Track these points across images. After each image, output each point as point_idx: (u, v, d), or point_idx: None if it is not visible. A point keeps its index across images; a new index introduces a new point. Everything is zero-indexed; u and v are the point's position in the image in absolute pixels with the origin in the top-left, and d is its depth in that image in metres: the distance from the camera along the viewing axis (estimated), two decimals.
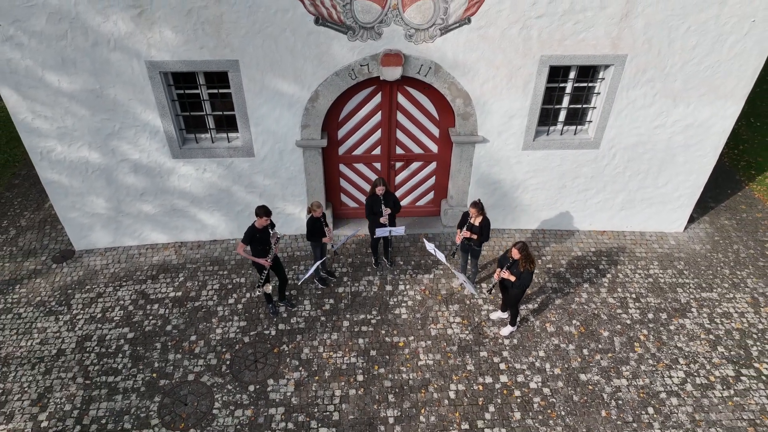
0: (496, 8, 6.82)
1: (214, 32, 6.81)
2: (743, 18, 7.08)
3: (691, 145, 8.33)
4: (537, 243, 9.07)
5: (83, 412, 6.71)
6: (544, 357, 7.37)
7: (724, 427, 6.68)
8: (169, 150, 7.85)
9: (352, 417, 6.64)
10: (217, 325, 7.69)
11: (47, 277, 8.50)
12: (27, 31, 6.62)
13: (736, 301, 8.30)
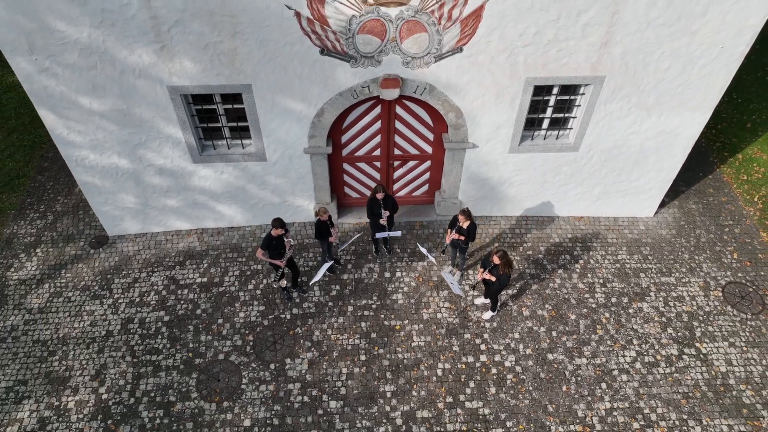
0: (485, 39, 7.45)
1: (229, 62, 7.49)
2: (712, 45, 7.71)
3: (661, 148, 9.18)
4: (520, 230, 10.15)
5: (135, 387, 8.13)
6: (518, 338, 8.69)
7: (662, 399, 8.11)
8: (190, 156, 8.74)
9: (356, 392, 8.06)
10: (240, 309, 8.96)
11: (87, 262, 9.67)
12: (61, 63, 7.32)
13: (690, 285, 9.51)
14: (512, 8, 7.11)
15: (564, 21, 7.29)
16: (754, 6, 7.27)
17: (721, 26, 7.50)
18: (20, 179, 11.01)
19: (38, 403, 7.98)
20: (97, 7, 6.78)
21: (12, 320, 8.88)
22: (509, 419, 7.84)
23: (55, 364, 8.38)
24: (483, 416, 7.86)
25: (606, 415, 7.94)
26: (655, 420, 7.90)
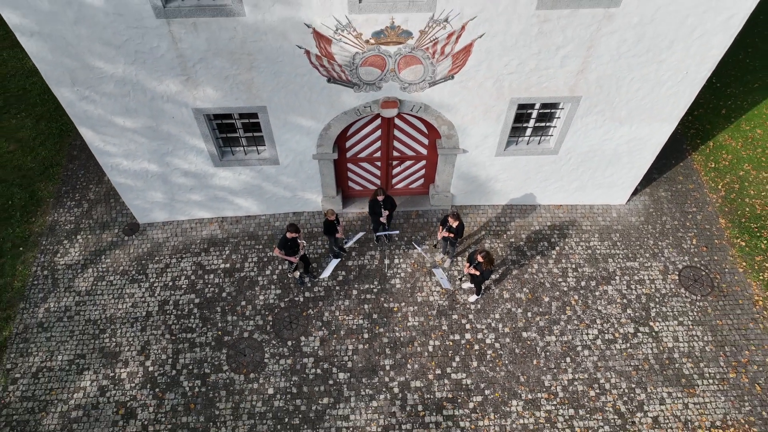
0: (474, 69, 8.35)
1: (246, 89, 8.44)
2: (678, 71, 8.61)
3: (633, 151, 10.24)
4: (505, 218, 11.39)
5: (175, 360, 9.70)
6: (498, 319, 10.17)
7: (616, 371, 9.70)
8: (212, 161, 9.83)
9: (360, 365, 9.63)
10: (260, 293, 10.39)
11: (123, 248, 11.00)
12: (99, 92, 8.28)
13: (651, 269, 10.88)
14: (498, 45, 7.98)
15: (544, 54, 8.18)
16: (715, 40, 8.13)
17: (686, 56, 8.38)
18: (54, 168, 12.11)
19: (96, 374, 9.58)
20: (131, 49, 7.68)
21: (65, 302, 10.34)
22: (487, 388, 9.46)
23: (106, 341, 9.92)
24: (466, 386, 9.47)
25: (568, 384, 9.55)
26: (608, 389, 9.53)
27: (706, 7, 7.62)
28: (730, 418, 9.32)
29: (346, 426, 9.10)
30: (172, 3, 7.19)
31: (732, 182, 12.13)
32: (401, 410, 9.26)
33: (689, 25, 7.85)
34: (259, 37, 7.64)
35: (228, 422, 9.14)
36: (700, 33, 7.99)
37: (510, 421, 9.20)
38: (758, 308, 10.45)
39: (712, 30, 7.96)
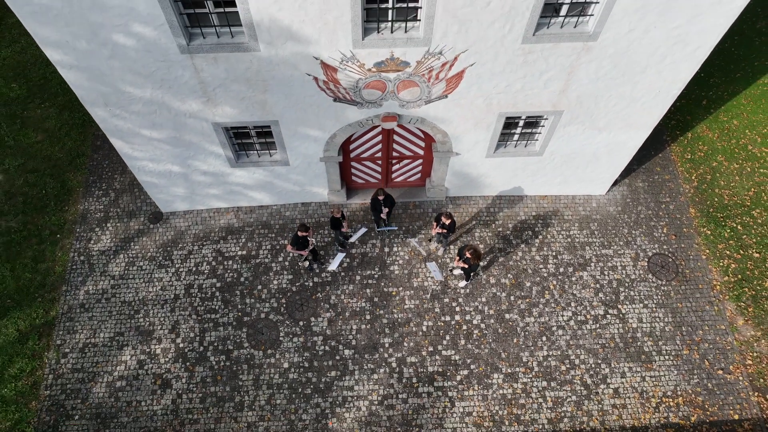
0: (466, 90, 9.25)
1: (261, 107, 9.38)
2: (651, 90, 9.50)
3: (611, 153, 11.23)
4: (494, 209, 12.52)
5: (202, 338, 11.13)
6: (484, 302, 11.51)
7: (585, 348, 11.13)
8: (228, 163, 10.87)
9: (363, 343, 11.06)
10: (274, 278, 11.69)
11: (149, 235, 12.21)
12: (128, 111, 9.23)
13: (624, 257, 12.12)
14: (487, 71, 8.85)
15: (529, 78, 9.06)
16: (684, 66, 8.98)
17: (658, 79, 9.26)
18: (80, 158, 13.13)
19: (134, 349, 11.04)
20: (158, 78, 8.58)
21: (101, 285, 11.67)
22: (473, 363, 10.93)
23: (140, 320, 11.32)
24: (454, 361, 10.94)
25: (543, 360, 11.01)
26: (577, 364, 10.99)
27: (675, 41, 8.45)
28: (680, 389, 10.84)
29: (351, 395, 10.64)
30: (195, 41, 8.05)
31: (705, 173, 13.16)
32: (398, 382, 10.77)
33: (660, 54, 8.69)
34: (273, 68, 8.52)
35: (250, 392, 10.68)
36: (671, 61, 8.85)
37: (491, 391, 10.73)
38: (715, 292, 11.77)
39: (681, 58, 8.81)
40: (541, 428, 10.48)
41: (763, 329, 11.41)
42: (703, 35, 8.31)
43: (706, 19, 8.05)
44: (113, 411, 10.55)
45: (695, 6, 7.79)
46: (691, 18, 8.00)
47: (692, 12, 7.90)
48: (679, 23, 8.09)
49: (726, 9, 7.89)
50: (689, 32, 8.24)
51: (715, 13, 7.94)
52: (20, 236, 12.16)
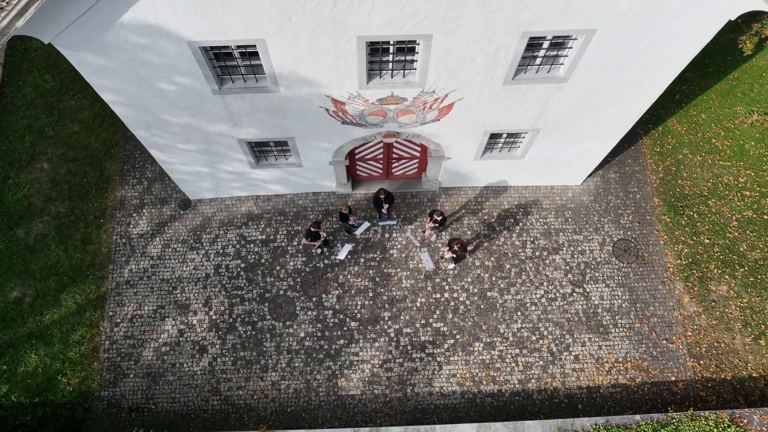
0: (455, 116, 10.74)
1: (279, 128, 10.91)
2: (615, 116, 10.97)
3: (583, 157, 12.82)
4: (481, 198, 14.23)
5: (231, 311, 13.22)
6: (469, 281, 13.51)
7: (553, 322, 13.25)
8: (250, 166, 12.50)
9: (366, 316, 13.17)
10: (290, 260, 13.62)
11: (181, 221, 14.03)
12: (167, 132, 10.79)
13: (592, 242, 13.98)
14: (474, 103, 10.32)
15: (510, 107, 10.53)
16: (641, 102, 10.44)
17: (621, 109, 10.75)
18: (114, 148, 14.69)
19: (174, 320, 13.18)
20: (193, 110, 10.09)
21: (142, 265, 13.63)
22: (458, 334, 13.09)
23: (178, 296, 13.38)
24: (442, 332, 13.09)
25: (517, 331, 13.16)
26: (545, 335, 13.16)
27: (632, 85, 9.88)
28: (629, 356, 13.06)
29: (357, 360, 12.89)
30: (226, 86, 9.50)
31: (671, 165, 14.75)
32: (396, 349, 12.98)
33: (622, 92, 10.13)
34: (290, 103, 10.00)
35: (273, 356, 12.92)
36: (631, 96, 10.30)
37: (473, 357, 12.96)
38: (668, 273, 13.74)
39: (638, 96, 10.26)
40: (513, 387, 12.80)
41: (704, 306, 13.48)
42: (655, 82, 9.74)
43: (657, 70, 9.46)
44: (161, 371, 12.84)
45: (649, 61, 9.19)
46: (645, 70, 9.41)
47: (646, 65, 9.30)
48: (635, 72, 9.50)
49: (675, 63, 9.28)
50: (642, 80, 9.67)
51: (665, 66, 9.34)
52: (69, 220, 13.99)
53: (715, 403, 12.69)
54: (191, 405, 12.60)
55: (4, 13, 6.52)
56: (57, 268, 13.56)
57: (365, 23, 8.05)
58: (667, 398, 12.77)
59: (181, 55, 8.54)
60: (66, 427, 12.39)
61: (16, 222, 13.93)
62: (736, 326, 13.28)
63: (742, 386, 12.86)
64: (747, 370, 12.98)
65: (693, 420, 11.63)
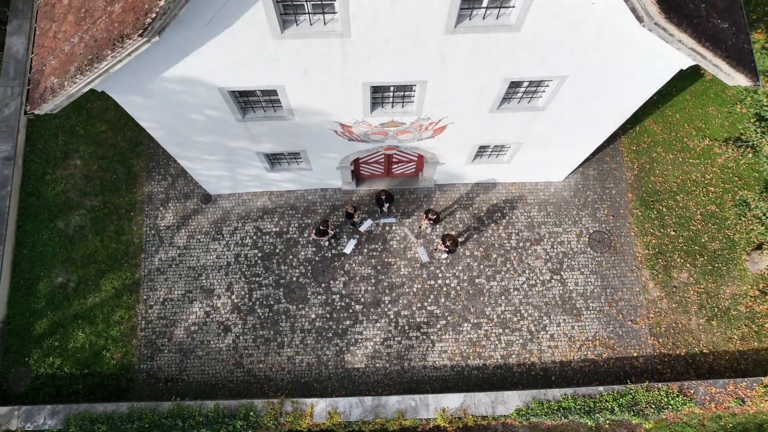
0: (448, 134, 12.20)
1: (293, 144, 12.39)
2: (590, 133, 12.44)
3: (563, 161, 14.33)
4: (472, 194, 15.81)
5: (250, 296, 15.06)
6: (460, 269, 15.28)
7: (532, 305, 15.11)
8: (266, 170, 14.02)
9: (370, 300, 15.01)
10: (301, 250, 15.34)
11: (203, 214, 15.65)
12: (194, 147, 12.27)
13: (570, 234, 15.67)
14: (464, 125, 11.76)
15: (496, 129, 11.99)
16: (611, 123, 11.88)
17: (593, 129, 12.22)
18: (140, 146, 16.14)
19: (201, 303, 15.03)
20: (219, 132, 11.55)
21: (170, 254, 15.37)
22: (449, 316, 14.98)
23: (203, 282, 15.18)
24: (435, 314, 14.97)
25: (501, 313, 15.04)
26: (525, 316, 15.04)
27: (603, 111, 11.31)
28: (598, 335, 14.99)
29: (361, 338, 14.83)
30: (248, 115, 10.95)
31: (645, 162, 16.25)
32: (394, 328, 14.90)
33: (594, 117, 11.59)
34: (304, 127, 11.46)
35: (288, 335, 14.85)
36: (602, 120, 11.76)
37: (461, 336, 14.90)
38: (636, 262, 15.51)
39: (609, 119, 11.72)
40: (496, 362, 14.80)
41: (666, 291, 15.31)
42: (622, 110, 11.24)
43: (624, 102, 10.90)
44: (191, 347, 14.81)
45: (615, 96, 10.61)
46: (613, 102, 10.85)
47: (613, 99, 10.74)
48: (605, 103, 10.93)
49: (638, 97, 10.73)
50: (611, 108, 11.18)
51: (630, 99, 10.78)
52: (102, 213, 15.63)
53: (669, 376, 14.73)
54: (218, 376, 14.64)
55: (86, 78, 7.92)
56: (95, 257, 15.31)
57: (370, 74, 9.45)
58: (629, 371, 14.80)
59: (212, 96, 9.96)
60: (112, 394, 14.47)
61: (56, 215, 15.58)
62: (693, 309, 15.16)
63: (694, 361, 14.87)
64: (699, 347, 14.95)
65: (648, 391, 13.71)
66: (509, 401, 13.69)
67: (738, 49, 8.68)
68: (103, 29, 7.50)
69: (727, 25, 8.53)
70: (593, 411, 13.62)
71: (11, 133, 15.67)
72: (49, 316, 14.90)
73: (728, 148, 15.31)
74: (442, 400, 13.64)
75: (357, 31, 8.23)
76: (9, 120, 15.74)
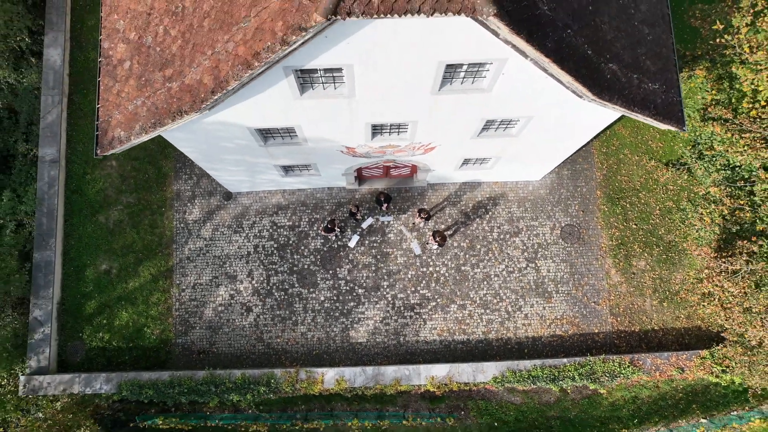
0: (437, 152, 14.36)
1: (305, 159, 14.59)
2: (555, 153, 14.61)
3: (536, 166, 16.51)
4: (460, 192, 18.04)
5: (269, 281, 17.54)
6: (448, 258, 17.70)
7: (509, 288, 17.61)
8: (281, 176, 16.23)
9: (370, 284, 17.50)
10: (311, 242, 17.72)
11: (225, 209, 17.94)
12: (222, 162, 14.47)
13: (544, 227, 18.00)
14: (450, 147, 13.93)
15: (479, 148, 14.16)
16: (563, 152, 14.04)
17: (559, 148, 14.35)
18: (168, 148, 18.24)
19: (226, 288, 17.53)
20: (244, 153, 13.72)
21: (198, 244, 17.75)
22: (439, 298, 17.50)
23: (227, 269, 17.63)
24: (427, 297, 17.50)
25: (483, 296, 17.57)
26: (504, 299, 17.57)
27: (567, 137, 13.46)
28: (565, 314, 17.56)
29: (363, 317, 17.40)
30: (269, 142, 13.11)
31: (613, 163, 18.41)
32: (392, 309, 17.46)
33: (559, 140, 13.75)
34: (315, 149, 13.64)
35: (301, 314, 17.42)
36: (566, 142, 13.91)
37: (449, 315, 17.47)
38: (601, 252, 17.92)
39: (572, 142, 13.88)
40: (478, 337, 17.44)
41: (626, 277, 17.79)
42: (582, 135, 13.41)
43: (583, 131, 13.05)
44: (219, 324, 17.41)
45: (574, 126, 12.75)
46: (573, 130, 12.99)
47: (573, 129, 12.87)
48: (567, 132, 13.09)
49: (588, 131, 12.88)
50: (573, 134, 13.30)
51: (582, 133, 12.92)
52: (137, 209, 17.93)
53: (625, 349, 17.40)
54: (242, 349, 17.31)
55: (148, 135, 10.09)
56: (133, 247, 17.72)
57: (371, 117, 11.58)
58: (591, 345, 17.46)
59: (241, 132, 12.11)
60: (154, 364, 17.17)
61: (97, 210, 17.89)
62: (648, 292, 17.69)
63: (646, 336, 17.51)
64: (651, 324, 17.57)
65: (604, 362, 16.39)
66: (488, 370, 16.40)
67: (667, 104, 10.83)
68: (163, 100, 9.62)
69: (658, 86, 10.63)
70: (558, 378, 16.34)
71: (55, 138, 17.79)
72: (97, 298, 17.45)
73: (668, 170, 17.31)
74: (432, 370, 16.34)
75: (360, 94, 10.34)
76: (52, 126, 17.83)
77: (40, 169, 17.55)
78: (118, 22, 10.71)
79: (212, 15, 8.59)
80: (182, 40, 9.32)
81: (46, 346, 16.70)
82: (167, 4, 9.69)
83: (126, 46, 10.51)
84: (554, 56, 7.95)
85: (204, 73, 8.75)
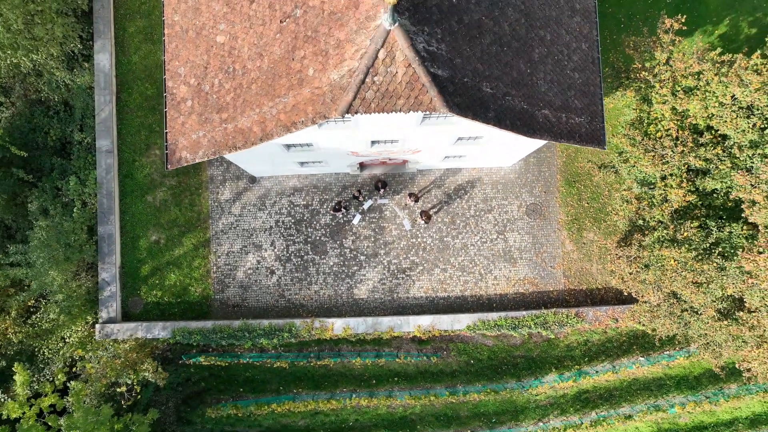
0: (423, 153, 18.10)
1: (318, 157, 18.33)
2: (522, 150, 18.36)
3: (509, 155, 20.28)
4: (444, 176, 21.85)
5: (288, 249, 21.66)
6: (434, 231, 21.74)
7: (482, 255, 21.76)
8: (297, 168, 20.00)
9: (370, 252, 21.63)
10: (321, 218, 21.70)
11: (251, 191, 21.81)
12: (257, 163, 18.25)
13: (512, 205, 21.93)
14: (433, 149, 17.66)
15: (456, 151, 17.87)
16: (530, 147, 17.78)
17: (520, 149, 18.09)
18: None
19: (253, 255, 21.67)
20: (273, 155, 17.47)
21: (229, 220, 21.74)
22: (425, 263, 21.68)
23: (254, 239, 21.70)
24: (415, 262, 21.68)
25: (461, 262, 21.73)
26: (478, 264, 21.75)
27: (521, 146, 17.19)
28: (527, 276, 21.79)
29: (364, 278, 21.65)
30: (291, 150, 16.85)
31: (572, 152, 22.12)
32: (387, 272, 21.67)
33: (517, 147, 17.46)
34: (326, 152, 17.38)
35: (314, 276, 21.65)
36: (523, 146, 17.65)
37: (433, 277, 21.70)
38: (558, 226, 21.94)
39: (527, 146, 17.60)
40: (456, 294, 21.74)
41: (577, 246, 21.89)
42: (524, 147, 17.11)
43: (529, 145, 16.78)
44: (248, 284, 21.66)
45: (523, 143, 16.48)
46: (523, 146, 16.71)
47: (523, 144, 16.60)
48: (518, 144, 16.81)
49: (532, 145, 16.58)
50: (518, 145, 17.01)
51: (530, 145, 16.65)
52: (178, 190, 21.80)
53: (573, 304, 21.75)
54: (268, 303, 21.66)
55: (207, 158, 13.86)
56: (177, 222, 21.73)
57: (372, 136, 15.30)
58: (546, 301, 21.80)
59: (271, 145, 15.83)
60: (198, 315, 21.56)
61: (145, 191, 21.77)
62: (594, 258, 21.86)
63: (591, 293, 21.83)
64: (595, 284, 21.84)
65: (554, 314, 20.78)
66: (463, 321, 20.80)
67: (592, 131, 14.56)
68: (221, 136, 13.36)
69: (583, 118, 14.32)
70: (517, 327, 20.76)
71: (108, 132, 21.44)
72: (150, 263, 21.63)
73: (600, 172, 20.89)
74: (419, 320, 20.74)
75: (362, 127, 14.04)
76: (105, 122, 21.43)
77: (98, 158, 21.31)
78: (180, 68, 14.26)
79: (258, 83, 12.20)
80: (234, 94, 12.96)
81: (113, 301, 21.03)
82: (221, 63, 13.25)
83: (187, 88, 14.11)
84: (494, 121, 11.64)
85: (253, 124, 12.45)
